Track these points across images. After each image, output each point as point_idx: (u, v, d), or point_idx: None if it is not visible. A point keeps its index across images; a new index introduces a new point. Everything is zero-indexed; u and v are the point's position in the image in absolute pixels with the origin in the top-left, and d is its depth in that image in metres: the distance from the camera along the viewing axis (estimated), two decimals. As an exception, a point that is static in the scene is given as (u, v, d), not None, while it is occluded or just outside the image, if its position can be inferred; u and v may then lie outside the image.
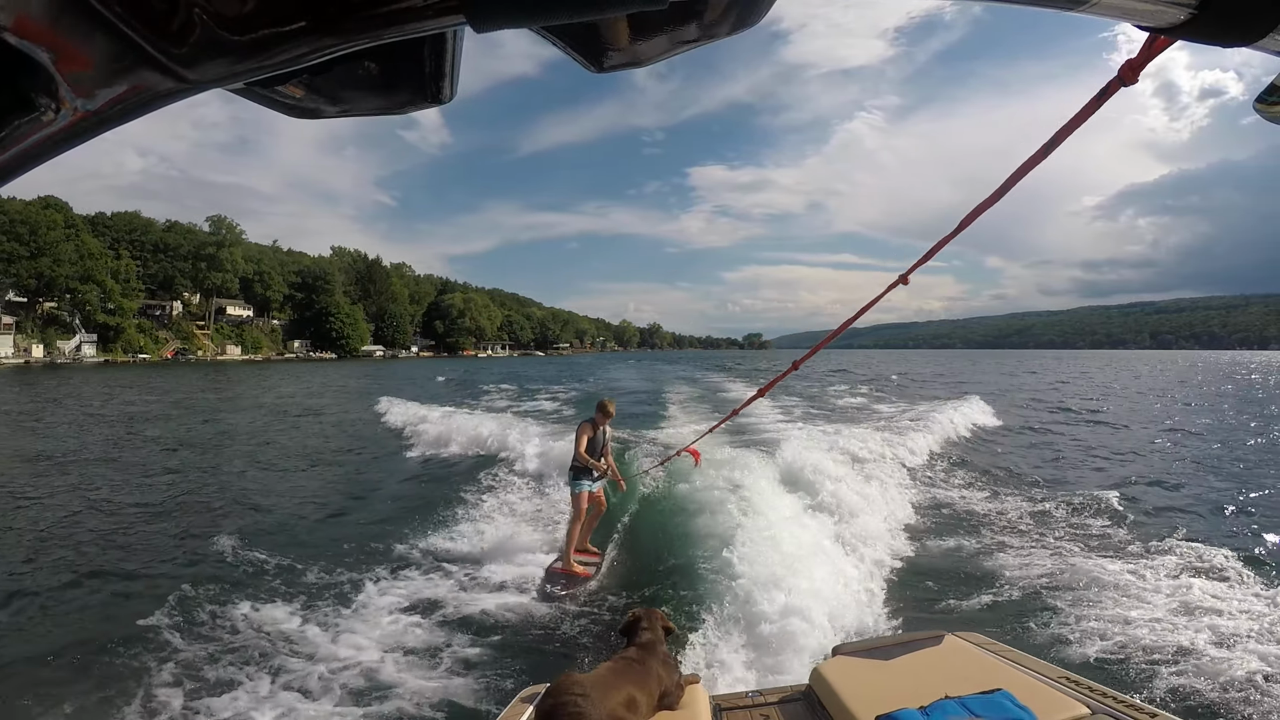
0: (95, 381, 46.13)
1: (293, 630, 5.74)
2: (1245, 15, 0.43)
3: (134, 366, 77.25)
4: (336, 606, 6.26)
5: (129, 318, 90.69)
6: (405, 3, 0.39)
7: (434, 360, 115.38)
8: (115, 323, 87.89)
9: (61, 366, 73.16)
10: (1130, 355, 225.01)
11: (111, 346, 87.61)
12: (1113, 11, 0.46)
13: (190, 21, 0.37)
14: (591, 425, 7.18)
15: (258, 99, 0.48)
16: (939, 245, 2.24)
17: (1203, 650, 5.13)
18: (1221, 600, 6.14)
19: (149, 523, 9.47)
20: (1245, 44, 0.44)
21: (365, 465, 14.36)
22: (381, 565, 7.31)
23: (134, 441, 17.71)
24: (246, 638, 5.62)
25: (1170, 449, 16.29)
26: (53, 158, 0.43)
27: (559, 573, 6.89)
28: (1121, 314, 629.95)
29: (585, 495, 7.08)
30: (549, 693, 2.40)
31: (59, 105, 0.39)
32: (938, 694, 2.40)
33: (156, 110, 0.43)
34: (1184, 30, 0.47)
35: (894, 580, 6.85)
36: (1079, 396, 32.44)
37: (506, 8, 0.38)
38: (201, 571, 7.26)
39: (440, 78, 0.49)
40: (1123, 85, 1.20)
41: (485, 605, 6.25)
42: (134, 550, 8.23)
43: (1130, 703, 2.43)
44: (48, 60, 0.37)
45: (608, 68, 0.48)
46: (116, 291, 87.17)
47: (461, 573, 7.06)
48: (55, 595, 6.78)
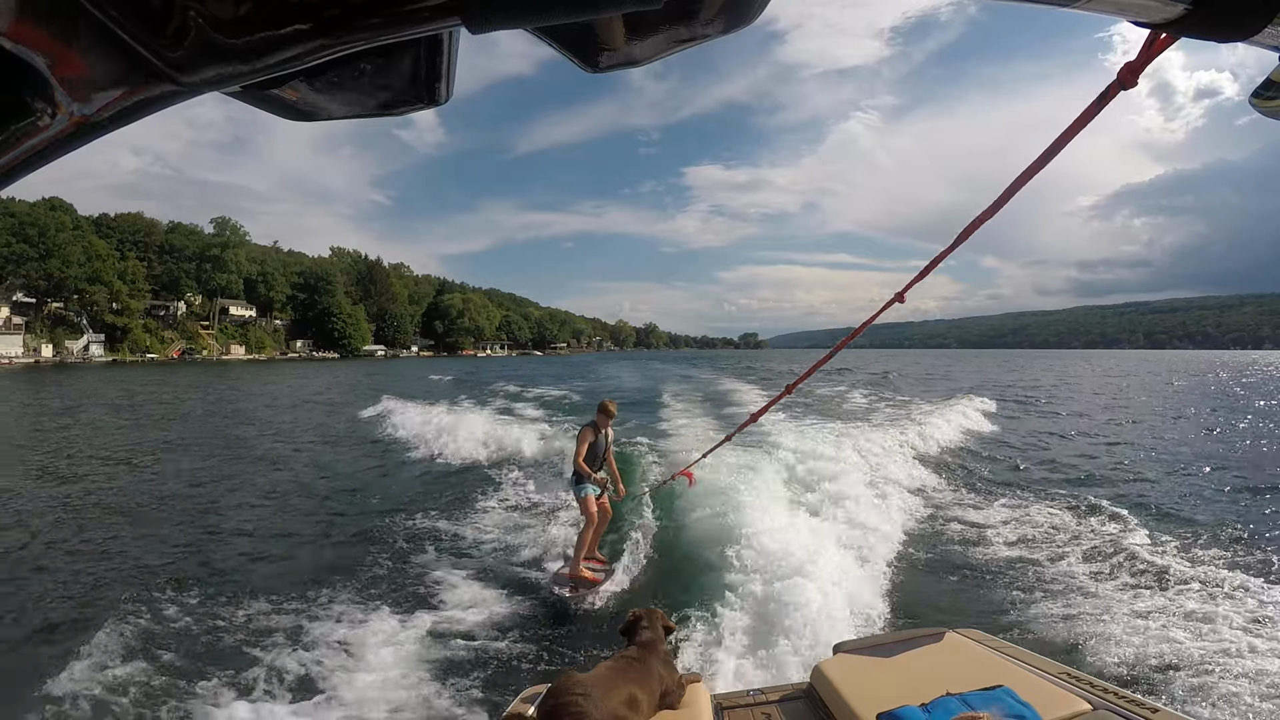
0: (116, 380, 47.38)
1: (295, 630, 5.81)
2: (1240, 10, 0.43)
3: (143, 366, 78.74)
4: (340, 606, 6.29)
5: (135, 318, 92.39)
6: (401, 5, 0.39)
7: (434, 360, 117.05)
8: (122, 323, 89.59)
9: (71, 366, 74.54)
10: (1123, 355, 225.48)
11: (119, 346, 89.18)
12: (1109, 8, 0.47)
13: (186, 26, 0.37)
14: (593, 429, 7.07)
15: (254, 102, 0.48)
16: (935, 261, 2.22)
17: (1203, 645, 5.14)
18: (1221, 595, 6.19)
19: (172, 521, 9.71)
20: (1240, 39, 0.45)
21: (370, 466, 14.39)
22: (386, 565, 7.42)
23: (189, 440, 19.19)
24: (248, 637, 5.68)
25: (1169, 447, 16.46)
26: (49, 162, 0.43)
27: (568, 578, 6.87)
28: (1116, 314, 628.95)
29: (592, 500, 6.99)
30: (550, 692, 2.41)
31: (55, 110, 0.39)
32: (939, 691, 2.40)
33: (153, 114, 0.43)
34: (1179, 26, 0.48)
35: (894, 578, 6.87)
36: (1064, 396, 33.08)
37: (502, 9, 0.38)
38: (205, 571, 7.36)
39: (436, 79, 0.50)
40: (1123, 89, 1.20)
41: (488, 607, 6.33)
42: (144, 544, 8.51)
43: (1131, 698, 2.42)
44: (44, 66, 0.37)
45: (603, 68, 0.48)
46: (124, 292, 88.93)
47: (465, 574, 7.11)
48: (63, 578, 7.16)
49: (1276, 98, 0.56)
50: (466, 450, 14.45)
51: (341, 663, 5.22)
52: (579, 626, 6.06)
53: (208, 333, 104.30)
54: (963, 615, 5.86)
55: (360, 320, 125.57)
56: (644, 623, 3.05)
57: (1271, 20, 0.43)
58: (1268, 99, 0.56)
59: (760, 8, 0.47)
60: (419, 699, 4.82)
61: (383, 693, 4.86)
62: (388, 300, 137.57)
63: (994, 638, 3.12)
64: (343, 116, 0.52)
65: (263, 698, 4.78)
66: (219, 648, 5.53)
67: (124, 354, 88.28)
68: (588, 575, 6.83)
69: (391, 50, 0.46)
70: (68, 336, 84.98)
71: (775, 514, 7.37)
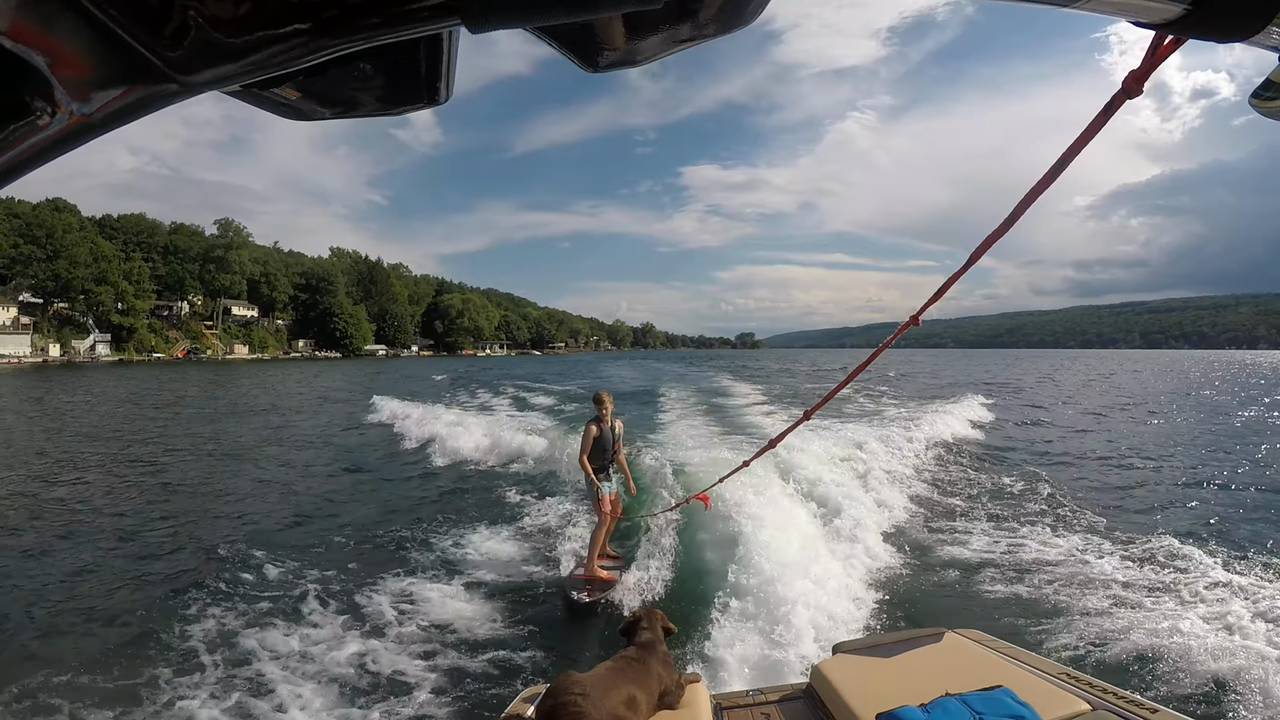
0: (129, 378, 48.46)
1: (299, 627, 5.86)
2: (1240, 11, 0.43)
3: (149, 365, 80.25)
4: (344, 605, 6.34)
5: (141, 318, 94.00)
6: (400, 5, 0.39)
7: (435, 359, 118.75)
8: (128, 323, 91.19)
9: (79, 365, 75.90)
10: (1121, 355, 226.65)
11: (124, 346, 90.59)
12: (1109, 8, 0.47)
13: (185, 25, 0.37)
14: (596, 423, 6.88)
15: (254, 101, 0.48)
16: (949, 282, 2.26)
17: (1203, 645, 5.13)
18: (1221, 595, 6.20)
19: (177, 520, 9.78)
20: (1241, 40, 0.45)
21: (375, 466, 14.43)
22: (389, 565, 7.46)
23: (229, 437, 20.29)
24: (250, 634, 5.71)
25: (1166, 447, 16.61)
26: (48, 162, 0.43)
27: (582, 579, 6.73)
28: (1113, 314, 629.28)
29: (606, 499, 6.84)
30: (549, 693, 2.41)
31: (55, 109, 0.39)
32: (938, 691, 2.40)
33: (152, 114, 0.43)
34: (1178, 26, 0.48)
35: (894, 578, 6.88)
36: (1054, 395, 33.26)
37: (501, 9, 0.38)
38: (213, 568, 7.44)
39: (436, 79, 0.50)
40: (1128, 98, 1.17)
41: (490, 607, 6.33)
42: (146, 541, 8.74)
43: (1131, 698, 2.43)
44: (43, 64, 0.37)
45: (603, 67, 0.48)
46: (130, 293, 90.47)
47: (467, 574, 7.16)
48: (78, 570, 7.50)
49: (1276, 98, 0.56)
50: (473, 451, 14.54)
51: (339, 662, 5.27)
52: (579, 627, 6.08)
53: (211, 333, 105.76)
54: (962, 615, 5.83)
55: (361, 320, 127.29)
56: (644, 623, 3.08)
57: (1271, 20, 0.43)
58: (1267, 99, 0.56)
59: (760, 8, 0.47)
60: (419, 698, 4.84)
61: (381, 692, 4.90)
62: (388, 300, 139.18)
63: (993, 638, 3.12)
64: (343, 116, 0.52)
65: (257, 694, 4.85)
66: (216, 643, 5.58)
67: (130, 354, 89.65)
68: (603, 575, 6.76)
69: (392, 50, 0.46)
70: (74, 336, 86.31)
71: (775, 514, 7.39)
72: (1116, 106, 1.24)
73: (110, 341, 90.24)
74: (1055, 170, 1.51)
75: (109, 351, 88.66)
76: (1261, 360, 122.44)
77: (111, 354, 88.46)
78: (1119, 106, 1.23)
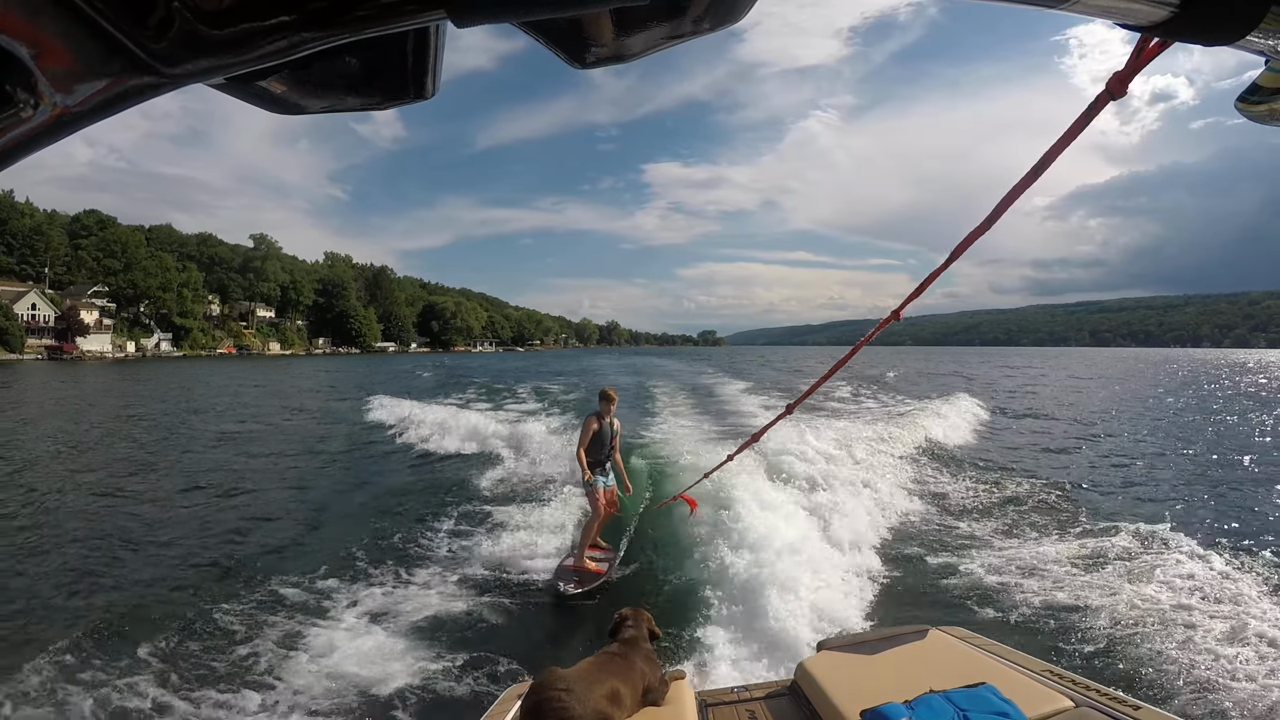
0: (217, 370, 57.27)
1: (288, 622, 5.86)
2: (1227, 14, 0.44)
3: (208, 359, 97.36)
4: (333, 600, 6.34)
5: (197, 320, 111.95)
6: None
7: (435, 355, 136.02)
8: (186, 324, 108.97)
9: (151, 359, 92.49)
10: (1071, 352, 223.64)
11: (181, 344, 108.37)
12: (1095, 10, 0.47)
13: (169, 16, 0.37)
14: (597, 418, 6.98)
15: (238, 94, 0.48)
16: (928, 280, 2.24)
17: (1186, 643, 5.19)
18: (1206, 593, 6.24)
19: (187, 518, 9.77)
20: (1227, 43, 0.45)
21: (371, 461, 14.61)
22: (382, 561, 7.42)
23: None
24: (242, 630, 5.70)
25: (1149, 445, 16.99)
26: (31, 154, 0.43)
27: (571, 570, 6.78)
28: (1067, 312, 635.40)
29: (602, 492, 6.92)
30: (533, 689, 2.43)
31: (38, 101, 0.40)
32: (922, 688, 2.40)
33: (135, 106, 0.43)
34: (1165, 29, 0.48)
35: (878, 576, 6.89)
36: (1030, 394, 34.12)
37: (487, 3, 0.38)
38: (211, 566, 7.58)
39: (423, 73, 0.50)
40: (1112, 98, 1.18)
41: (481, 602, 6.34)
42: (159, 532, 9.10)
43: (1114, 695, 2.44)
44: (26, 56, 0.37)
45: (590, 64, 0.48)
46: (188, 298, 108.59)
47: (460, 569, 7.15)
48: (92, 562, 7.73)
49: (1262, 102, 0.56)
50: (468, 443, 14.63)
51: (327, 658, 5.27)
52: (566, 624, 6.08)
53: (248, 332, 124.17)
54: (946, 613, 5.89)
55: (372, 321, 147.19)
56: (629, 622, 3.11)
57: (1257, 24, 0.43)
58: (1254, 103, 0.56)
59: (748, 5, 0.47)
60: (405, 695, 4.82)
61: (366, 687, 4.90)
62: (391, 303, 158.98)
63: (977, 635, 3.11)
64: (329, 110, 0.52)
65: (249, 690, 4.83)
66: (209, 639, 5.61)
67: (186, 350, 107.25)
68: (591, 566, 6.84)
69: (378, 43, 0.46)
70: (142, 335, 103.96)
71: (761, 512, 7.42)
72: (1100, 107, 1.24)
73: (171, 339, 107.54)
74: (1037, 170, 1.51)
75: (171, 348, 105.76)
76: (1197, 357, 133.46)
77: (175, 350, 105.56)
78: (1103, 107, 1.23)
